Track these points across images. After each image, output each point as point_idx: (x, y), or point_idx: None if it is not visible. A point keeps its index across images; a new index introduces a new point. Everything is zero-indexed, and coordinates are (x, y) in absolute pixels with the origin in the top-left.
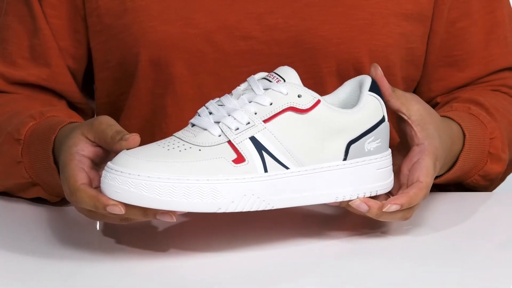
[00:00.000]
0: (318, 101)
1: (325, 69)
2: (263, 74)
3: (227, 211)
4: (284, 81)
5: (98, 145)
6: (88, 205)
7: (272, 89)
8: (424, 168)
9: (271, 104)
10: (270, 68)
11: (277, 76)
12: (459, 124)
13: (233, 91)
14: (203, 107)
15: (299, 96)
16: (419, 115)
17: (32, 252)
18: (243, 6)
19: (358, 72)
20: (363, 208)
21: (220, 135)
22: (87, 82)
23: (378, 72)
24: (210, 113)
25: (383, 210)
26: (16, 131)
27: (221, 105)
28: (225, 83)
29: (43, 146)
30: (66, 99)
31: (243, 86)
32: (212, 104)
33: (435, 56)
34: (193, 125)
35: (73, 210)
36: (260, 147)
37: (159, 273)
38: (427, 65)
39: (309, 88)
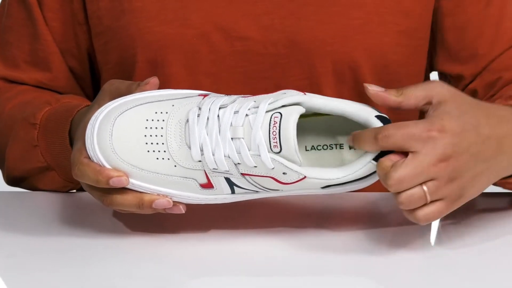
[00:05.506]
0: (304, 177)
1: (321, 69)
2: (268, 120)
3: None
4: (280, 150)
5: None
6: (90, 179)
7: (260, 157)
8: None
9: (255, 167)
10: (266, 69)
11: (277, 140)
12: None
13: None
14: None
15: (284, 173)
16: (441, 96)
17: (48, 239)
18: (239, 7)
19: (353, 71)
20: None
21: (199, 161)
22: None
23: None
24: (206, 125)
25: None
26: (31, 115)
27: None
28: (221, 83)
29: (60, 128)
30: None
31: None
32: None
33: (452, 36)
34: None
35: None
36: (232, 184)
37: (171, 258)
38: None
39: (305, 88)
